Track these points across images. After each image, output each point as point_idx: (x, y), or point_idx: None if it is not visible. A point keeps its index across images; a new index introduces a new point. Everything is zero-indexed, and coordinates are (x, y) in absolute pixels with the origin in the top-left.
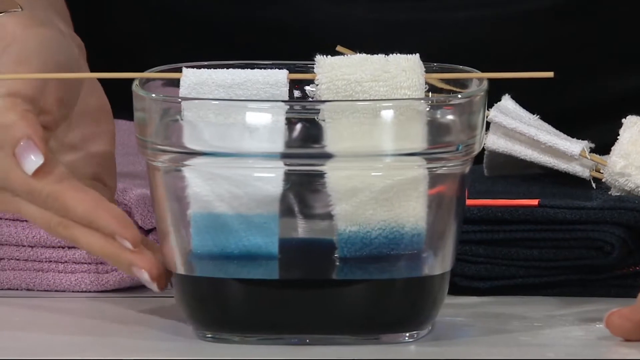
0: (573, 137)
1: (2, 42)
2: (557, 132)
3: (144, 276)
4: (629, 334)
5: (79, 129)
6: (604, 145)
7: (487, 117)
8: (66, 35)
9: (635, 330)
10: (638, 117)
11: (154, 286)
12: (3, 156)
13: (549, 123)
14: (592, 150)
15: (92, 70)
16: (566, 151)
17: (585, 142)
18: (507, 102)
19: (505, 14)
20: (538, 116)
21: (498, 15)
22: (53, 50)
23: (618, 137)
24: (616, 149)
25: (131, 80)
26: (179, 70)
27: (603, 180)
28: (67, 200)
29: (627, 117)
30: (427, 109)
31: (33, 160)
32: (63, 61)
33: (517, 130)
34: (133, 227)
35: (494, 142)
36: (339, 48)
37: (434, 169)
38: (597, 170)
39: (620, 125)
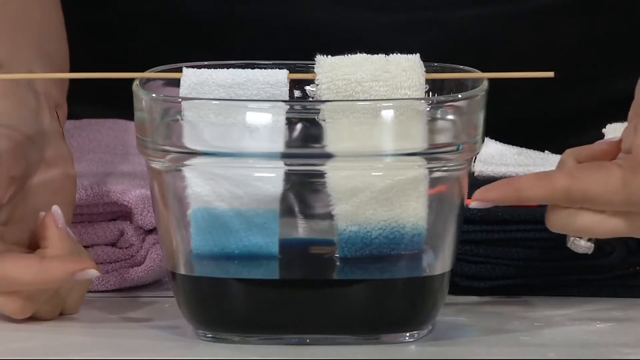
0: (574, 136)
1: None
2: (545, 155)
3: (92, 273)
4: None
5: (34, 200)
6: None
7: (473, 172)
8: (38, 99)
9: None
10: (618, 123)
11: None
12: None
13: (549, 122)
14: None
15: (92, 70)
16: None
17: None
18: (489, 148)
19: (507, 13)
20: (523, 148)
21: (499, 13)
22: (12, 125)
23: None
24: None
25: (131, 80)
26: (179, 70)
27: None
28: (10, 274)
29: (607, 126)
30: (428, 109)
31: None
32: (21, 135)
33: (507, 176)
34: (84, 256)
35: (483, 167)
36: None
37: (434, 169)
38: None
39: (619, 120)
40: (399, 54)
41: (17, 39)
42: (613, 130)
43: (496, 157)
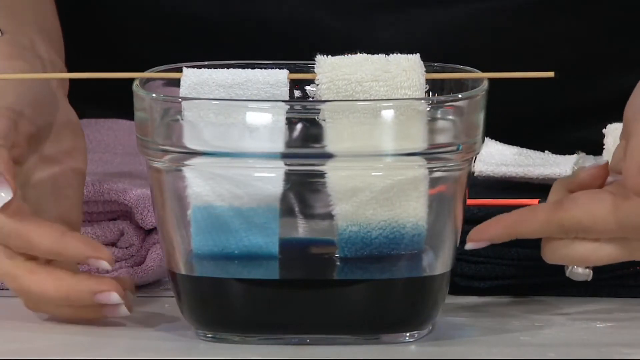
0: (574, 136)
1: None
2: (545, 156)
3: (113, 298)
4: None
5: (48, 165)
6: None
7: (472, 172)
8: (46, 66)
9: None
10: (618, 123)
11: (123, 309)
12: None
13: (549, 121)
14: (590, 148)
15: (92, 70)
16: (559, 178)
17: (574, 156)
18: (489, 148)
19: (506, 8)
20: (523, 149)
21: (497, 9)
22: (28, 83)
23: (603, 146)
24: (605, 156)
25: (131, 80)
26: (179, 70)
27: None
28: (31, 235)
29: (608, 126)
30: (428, 108)
31: (2, 197)
32: (37, 93)
33: (507, 176)
34: (103, 248)
35: (484, 168)
36: None
37: (435, 169)
38: None
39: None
40: (399, 54)
41: (18, 13)
42: (614, 130)
43: (496, 157)
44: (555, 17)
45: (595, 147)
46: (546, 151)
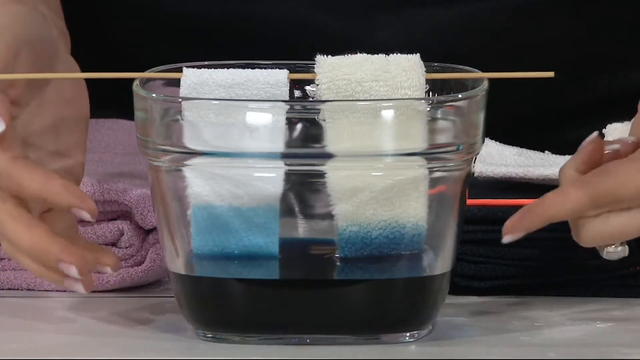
0: (572, 132)
1: None
2: (544, 156)
3: (72, 271)
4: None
5: (69, 136)
6: None
7: (472, 173)
8: (46, 17)
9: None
10: (618, 123)
11: (79, 286)
12: None
13: (549, 121)
14: None
15: (91, 70)
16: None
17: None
18: (489, 148)
19: (499, 7)
20: (523, 149)
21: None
22: (26, 24)
23: None
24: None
25: (131, 80)
26: (179, 70)
27: None
28: (21, 177)
29: (608, 126)
30: (428, 108)
31: None
32: (36, 37)
33: (507, 176)
34: (89, 199)
35: (484, 169)
36: None
37: (435, 169)
38: None
39: (619, 120)
40: (399, 54)
41: None
42: (613, 130)
43: (496, 157)
44: (555, 17)
45: None
46: (546, 151)
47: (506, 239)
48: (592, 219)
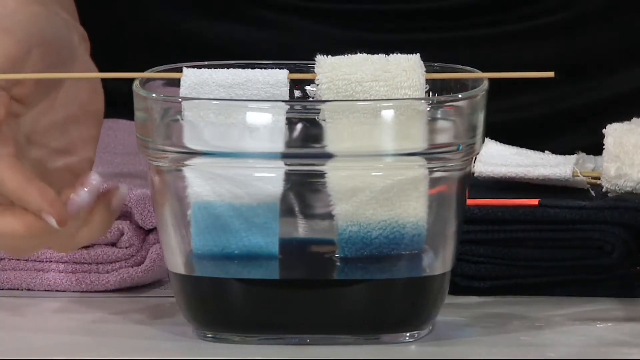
0: (573, 134)
1: None
2: (545, 156)
3: (51, 221)
4: None
5: (76, 133)
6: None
7: (472, 173)
8: (67, 22)
9: None
10: (618, 124)
11: (51, 220)
12: None
13: (549, 122)
14: (592, 147)
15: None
16: (559, 178)
17: (574, 156)
18: (489, 148)
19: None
20: (523, 149)
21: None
22: (41, 25)
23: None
24: (605, 155)
25: (131, 80)
26: (179, 70)
27: (603, 190)
28: (1, 174)
29: (607, 127)
30: (428, 108)
31: None
32: (50, 37)
33: (507, 176)
34: (60, 205)
35: (484, 169)
36: None
37: (435, 169)
38: (594, 178)
39: (619, 120)
40: (399, 54)
41: None
42: (614, 131)
43: (496, 157)
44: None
45: (595, 148)
46: (546, 151)
47: None
48: None
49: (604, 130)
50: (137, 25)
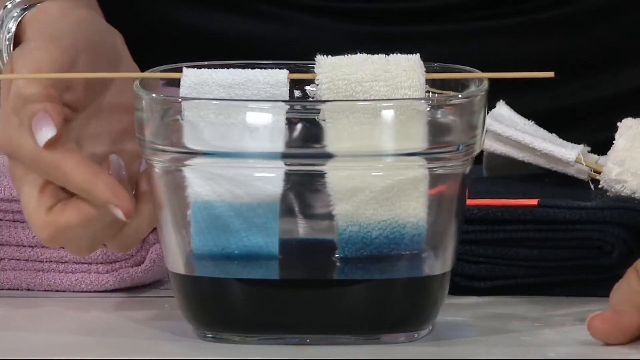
0: (574, 132)
1: (43, 23)
2: (552, 137)
3: (119, 214)
4: (610, 338)
5: (107, 116)
6: (605, 140)
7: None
8: (107, 24)
9: (617, 334)
10: (633, 120)
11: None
12: (18, 125)
13: (549, 119)
14: (592, 146)
15: None
16: (562, 158)
17: (581, 146)
18: (501, 109)
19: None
20: (533, 122)
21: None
22: (86, 30)
23: (613, 141)
24: (611, 155)
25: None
26: (179, 70)
27: (600, 185)
28: (68, 169)
29: (623, 121)
30: (428, 109)
31: (46, 133)
32: (95, 41)
33: (513, 139)
34: (128, 198)
35: (491, 145)
36: None
37: (435, 169)
38: (596, 171)
39: (620, 119)
40: (399, 54)
41: None
42: (628, 128)
43: (507, 119)
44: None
45: (595, 147)
46: (553, 134)
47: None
48: None
49: (618, 124)
50: (141, 20)
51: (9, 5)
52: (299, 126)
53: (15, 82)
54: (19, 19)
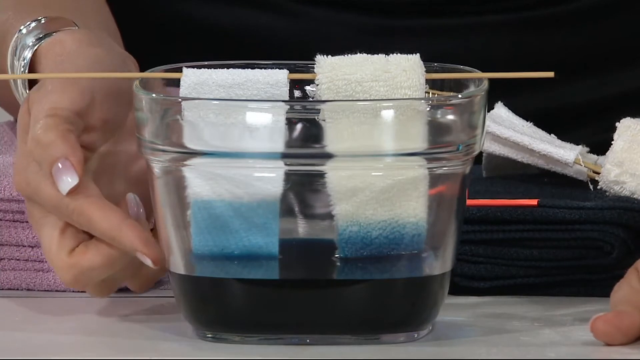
0: (573, 132)
1: (59, 57)
2: (551, 138)
3: (148, 262)
4: (613, 339)
5: (124, 148)
6: (603, 141)
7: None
8: (121, 54)
9: (619, 335)
10: (632, 120)
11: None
12: (38, 171)
13: (548, 119)
14: (591, 147)
15: None
16: (560, 159)
17: (580, 147)
18: (500, 110)
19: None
20: (531, 123)
21: (493, 23)
22: (102, 68)
23: (612, 141)
24: (610, 156)
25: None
26: (179, 70)
27: (599, 186)
28: (93, 215)
29: (622, 121)
30: (428, 109)
31: (68, 181)
32: (111, 83)
33: (511, 140)
34: (155, 245)
35: (490, 146)
36: None
37: (435, 169)
38: (595, 172)
39: (619, 119)
40: (399, 54)
41: (89, 18)
42: (626, 128)
43: (505, 120)
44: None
45: (595, 147)
46: (552, 135)
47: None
48: None
49: (617, 124)
50: (152, 14)
51: (24, 31)
52: (299, 126)
53: (33, 126)
54: (35, 48)
